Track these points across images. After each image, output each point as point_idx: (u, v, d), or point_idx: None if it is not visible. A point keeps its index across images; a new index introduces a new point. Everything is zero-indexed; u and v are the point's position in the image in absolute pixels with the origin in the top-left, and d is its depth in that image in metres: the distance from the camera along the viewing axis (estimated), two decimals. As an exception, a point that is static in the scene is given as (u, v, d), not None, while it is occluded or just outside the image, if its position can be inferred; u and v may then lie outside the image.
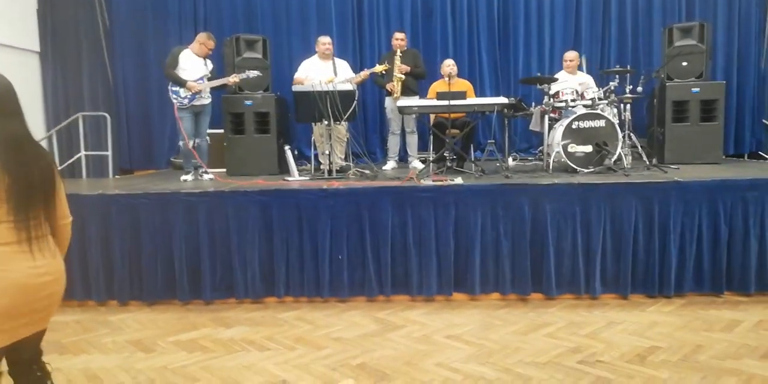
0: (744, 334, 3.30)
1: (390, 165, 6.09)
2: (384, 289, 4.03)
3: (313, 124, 5.47)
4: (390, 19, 7.18)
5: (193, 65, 5.08)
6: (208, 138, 5.39)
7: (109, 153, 6.58)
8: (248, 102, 5.60)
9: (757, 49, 6.80)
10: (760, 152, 6.84)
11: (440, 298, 4.06)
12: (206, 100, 5.19)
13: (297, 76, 5.74)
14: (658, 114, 5.84)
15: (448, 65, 5.63)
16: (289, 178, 4.88)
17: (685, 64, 5.71)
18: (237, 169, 5.56)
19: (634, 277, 4.03)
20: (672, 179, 4.06)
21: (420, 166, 5.79)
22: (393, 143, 6.11)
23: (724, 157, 5.98)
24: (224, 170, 5.66)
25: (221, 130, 5.82)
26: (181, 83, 4.97)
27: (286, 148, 5.18)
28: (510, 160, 5.96)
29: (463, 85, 5.62)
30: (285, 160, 5.24)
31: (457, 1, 7.12)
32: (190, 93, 5.01)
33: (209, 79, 5.13)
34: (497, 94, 6.56)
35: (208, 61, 5.21)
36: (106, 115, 6.64)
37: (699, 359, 2.94)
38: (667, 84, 5.72)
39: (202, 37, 5.15)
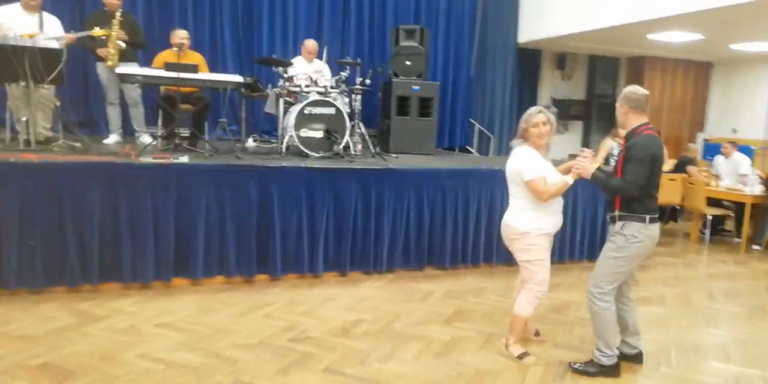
0: (434, 303, 3.79)
1: (113, 139, 5.43)
2: (89, 278, 3.59)
3: (7, 85, 4.56)
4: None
5: None
6: None
7: None
8: None
9: (468, 57, 7.88)
10: (467, 147, 7.98)
11: (158, 284, 3.78)
12: None
13: None
14: (384, 107, 6.36)
15: (181, 37, 5.21)
16: (-30, 148, 3.99)
17: (408, 63, 6.33)
18: None
19: (353, 256, 4.32)
20: (386, 167, 4.45)
21: (149, 141, 5.29)
22: (113, 115, 5.44)
23: (438, 149, 6.82)
24: None
25: None
26: None
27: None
28: (251, 141, 5.85)
29: (195, 57, 5.27)
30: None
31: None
32: None
33: None
34: (240, 73, 6.35)
35: None
36: None
37: (395, 328, 3.27)
38: (393, 80, 6.27)
39: None
